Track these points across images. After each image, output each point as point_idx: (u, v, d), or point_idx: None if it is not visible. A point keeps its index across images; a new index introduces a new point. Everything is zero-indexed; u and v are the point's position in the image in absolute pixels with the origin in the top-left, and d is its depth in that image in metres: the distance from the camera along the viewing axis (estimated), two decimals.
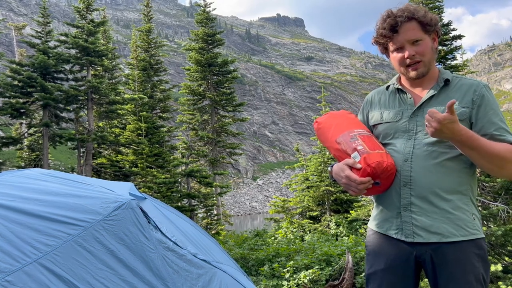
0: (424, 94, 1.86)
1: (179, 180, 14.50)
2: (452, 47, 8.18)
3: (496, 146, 1.68)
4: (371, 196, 2.05)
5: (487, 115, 1.75)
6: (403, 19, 1.78)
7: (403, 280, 1.84)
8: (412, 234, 1.78)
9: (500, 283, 4.30)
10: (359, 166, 1.77)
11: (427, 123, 1.66)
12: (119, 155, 16.42)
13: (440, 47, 7.98)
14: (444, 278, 1.73)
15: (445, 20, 8.22)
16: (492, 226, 4.83)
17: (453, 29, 8.30)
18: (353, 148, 1.85)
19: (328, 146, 2.00)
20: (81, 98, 15.26)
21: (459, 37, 8.27)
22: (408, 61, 1.82)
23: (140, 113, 16.80)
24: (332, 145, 1.95)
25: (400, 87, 1.94)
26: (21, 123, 21.17)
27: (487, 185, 5.33)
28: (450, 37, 8.22)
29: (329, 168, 2.00)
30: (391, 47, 1.85)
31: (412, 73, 1.85)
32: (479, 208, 5.14)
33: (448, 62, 8.15)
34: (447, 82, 1.83)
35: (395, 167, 1.80)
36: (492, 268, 4.29)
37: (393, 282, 1.84)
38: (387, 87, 2.01)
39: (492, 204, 5.00)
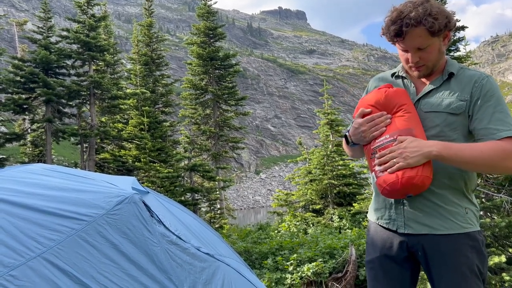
0: (427, 85, 1.84)
1: (182, 174, 14.54)
2: (455, 38, 8.12)
3: (477, 148, 1.63)
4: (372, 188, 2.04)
5: (483, 107, 1.70)
6: (409, 28, 1.67)
7: (399, 267, 1.85)
8: (403, 225, 1.80)
9: (504, 274, 4.30)
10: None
11: (391, 159, 1.67)
12: (122, 150, 16.46)
13: None
14: (437, 270, 1.74)
15: None
16: (495, 217, 4.83)
17: (457, 20, 8.22)
18: (372, 168, 1.78)
19: None
20: (83, 93, 15.26)
21: (462, 28, 8.20)
22: (411, 64, 1.80)
23: (143, 108, 16.81)
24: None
25: (405, 75, 1.91)
26: (24, 119, 21.21)
27: (491, 176, 5.32)
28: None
29: (346, 132, 1.95)
30: (398, 45, 1.81)
31: (415, 74, 1.84)
32: (483, 199, 5.13)
33: (451, 54, 8.10)
34: (451, 75, 1.79)
35: (422, 175, 1.65)
36: (496, 259, 4.29)
37: (389, 268, 1.86)
38: (392, 75, 1.98)
39: (496, 196, 4.99)
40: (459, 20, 8.43)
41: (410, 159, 1.63)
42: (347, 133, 1.92)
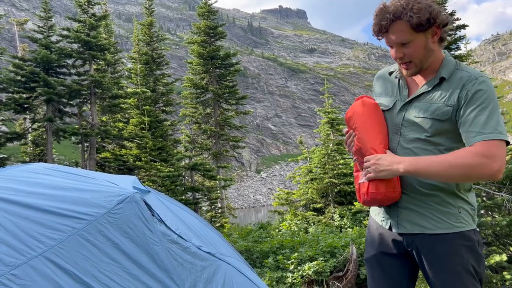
0: (420, 87, 1.82)
1: (183, 173, 14.53)
2: (456, 37, 8.12)
3: (446, 161, 1.62)
4: None
5: (468, 110, 1.65)
6: (388, 22, 1.67)
7: (397, 264, 1.86)
8: (397, 225, 1.82)
9: (505, 273, 4.30)
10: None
11: (366, 171, 1.79)
12: (122, 149, 16.46)
13: None
14: (432, 270, 1.74)
15: (449, 10, 8.15)
16: (496, 216, 4.82)
17: (457, 19, 8.23)
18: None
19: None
20: (84, 92, 15.26)
21: (463, 26, 8.21)
22: (398, 60, 1.79)
23: (143, 107, 16.81)
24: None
25: (399, 76, 1.90)
26: (25, 118, 21.25)
27: None
28: (453, 27, 8.16)
29: None
30: (385, 41, 1.80)
31: (404, 72, 1.83)
32: (484, 198, 5.13)
33: (452, 52, 8.10)
34: (442, 80, 1.76)
35: (386, 192, 1.77)
36: (497, 258, 4.29)
37: (386, 265, 1.88)
38: (390, 73, 1.97)
39: (497, 195, 4.99)
40: (460, 19, 8.42)
41: (379, 173, 1.73)
42: None
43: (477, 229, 1.80)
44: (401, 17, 1.65)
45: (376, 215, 1.93)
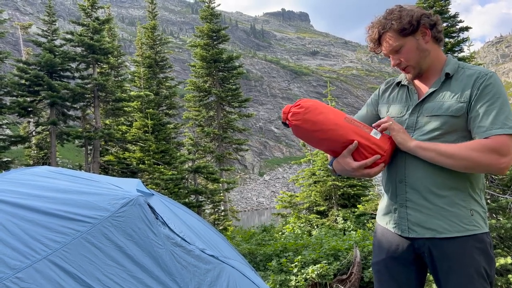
0: (428, 88, 1.84)
1: (186, 176, 14.53)
2: (459, 39, 8.10)
3: (455, 146, 1.66)
4: (380, 190, 2.05)
5: (479, 105, 1.67)
6: (376, 37, 1.82)
7: (405, 268, 1.85)
8: (407, 229, 1.80)
9: (510, 276, 4.27)
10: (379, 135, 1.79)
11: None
12: (126, 152, 16.50)
13: (446, 39, 7.90)
14: (444, 272, 1.72)
15: (452, 12, 8.13)
16: (501, 219, 4.80)
17: (460, 21, 8.21)
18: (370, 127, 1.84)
19: (328, 128, 1.77)
20: (87, 96, 15.34)
21: (466, 28, 8.18)
22: (397, 67, 1.86)
23: (146, 110, 16.84)
24: (340, 123, 1.78)
25: (407, 83, 1.92)
26: (28, 122, 21.34)
27: (496, 177, 5.29)
28: (457, 29, 8.14)
29: (329, 166, 1.97)
30: (383, 54, 1.90)
31: (407, 76, 1.88)
32: (488, 201, 5.11)
33: (455, 54, 8.08)
34: (447, 76, 1.78)
35: None
36: (502, 261, 4.26)
37: (394, 270, 1.86)
38: (398, 83, 1.99)
39: (501, 197, 4.96)
40: (463, 21, 8.40)
41: (398, 133, 1.77)
42: (331, 166, 1.96)
43: (489, 232, 1.79)
44: (385, 27, 1.79)
45: (388, 223, 1.90)
